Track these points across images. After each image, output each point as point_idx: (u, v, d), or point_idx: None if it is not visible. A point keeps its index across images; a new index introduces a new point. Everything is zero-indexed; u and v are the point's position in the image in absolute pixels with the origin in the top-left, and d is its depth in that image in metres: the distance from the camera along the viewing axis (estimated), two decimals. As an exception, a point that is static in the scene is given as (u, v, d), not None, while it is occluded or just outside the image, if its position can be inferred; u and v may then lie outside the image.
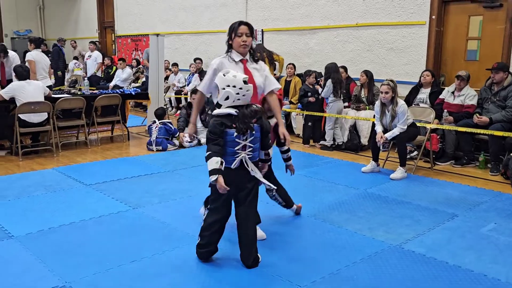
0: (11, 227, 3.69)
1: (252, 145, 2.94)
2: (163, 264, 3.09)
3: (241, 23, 3.42)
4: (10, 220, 3.85)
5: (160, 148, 6.64)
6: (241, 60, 3.44)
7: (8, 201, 4.34)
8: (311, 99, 6.91)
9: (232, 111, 2.89)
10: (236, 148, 2.90)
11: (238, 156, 2.92)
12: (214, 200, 3.04)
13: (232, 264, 3.11)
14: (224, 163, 2.88)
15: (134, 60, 11.00)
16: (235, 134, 2.88)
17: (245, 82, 2.91)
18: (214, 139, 2.89)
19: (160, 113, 7.03)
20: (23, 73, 6.10)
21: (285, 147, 3.64)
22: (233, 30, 3.40)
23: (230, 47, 3.48)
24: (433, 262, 3.18)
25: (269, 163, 3.20)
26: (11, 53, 7.20)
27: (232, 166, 2.93)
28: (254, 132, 2.92)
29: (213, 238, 3.08)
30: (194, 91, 7.21)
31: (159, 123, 6.81)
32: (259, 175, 3.01)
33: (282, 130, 3.41)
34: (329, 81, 6.59)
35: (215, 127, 2.88)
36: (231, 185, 2.90)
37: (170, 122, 6.97)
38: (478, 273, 3.02)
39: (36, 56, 7.32)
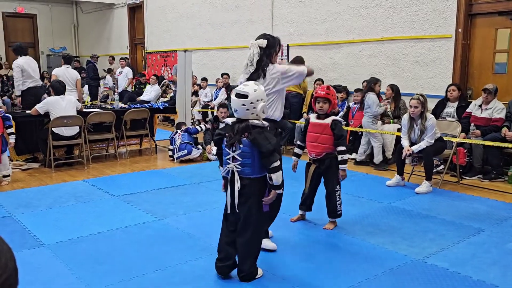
0: (43, 236, 3.85)
1: (240, 159, 2.89)
2: (186, 274, 3.17)
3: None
4: (42, 229, 4.01)
5: (185, 152, 6.80)
6: None
7: (41, 211, 4.52)
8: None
9: (230, 121, 2.99)
10: (226, 158, 2.97)
11: (227, 166, 2.97)
12: None
13: (253, 274, 3.15)
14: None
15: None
16: (225, 144, 2.97)
17: (237, 95, 2.88)
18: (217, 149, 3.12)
19: (180, 126, 7.30)
20: (60, 88, 6.38)
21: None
22: (279, 45, 3.54)
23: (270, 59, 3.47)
24: (456, 276, 3.14)
25: (278, 190, 2.96)
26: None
27: (222, 174, 3.05)
28: (241, 146, 2.88)
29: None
30: (221, 105, 7.35)
31: (180, 131, 7.09)
32: (236, 192, 2.92)
33: None
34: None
35: (213, 137, 3.06)
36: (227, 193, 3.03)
37: (189, 127, 7.30)
38: (503, 288, 2.98)
39: (59, 71, 7.75)
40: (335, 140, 3.88)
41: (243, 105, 2.85)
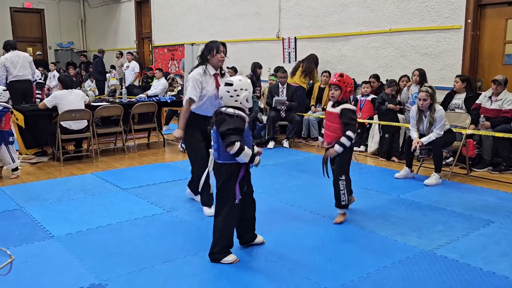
0: (52, 228, 3.88)
1: (212, 143, 3.18)
2: (195, 265, 3.18)
3: (222, 43, 4.11)
4: (51, 222, 4.04)
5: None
6: (214, 74, 4.11)
7: (50, 204, 4.55)
8: (391, 105, 6.51)
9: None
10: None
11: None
12: None
13: (260, 265, 3.15)
14: None
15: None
16: None
17: (224, 84, 3.14)
18: None
19: None
20: (69, 82, 6.41)
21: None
22: (215, 48, 4.06)
23: (206, 61, 4.09)
24: (466, 268, 3.12)
25: (252, 164, 3.15)
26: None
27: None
28: (211, 131, 3.17)
29: None
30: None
31: None
32: (206, 172, 3.29)
33: None
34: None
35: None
36: None
37: None
38: (513, 279, 2.95)
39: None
40: (343, 126, 3.83)
41: (227, 91, 3.10)
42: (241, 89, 3.09)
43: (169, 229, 3.86)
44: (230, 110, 3.06)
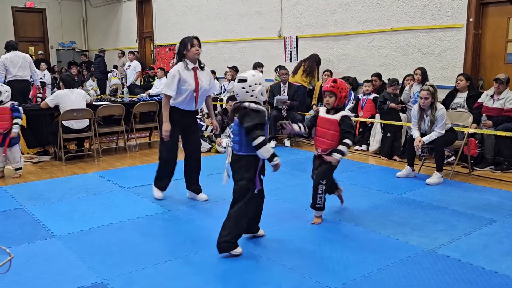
0: (54, 227, 3.88)
1: (232, 136, 3.28)
2: (197, 264, 3.18)
3: (195, 37, 4.26)
4: (53, 221, 4.05)
5: None
6: (192, 68, 4.26)
7: (52, 203, 4.56)
8: (392, 105, 6.45)
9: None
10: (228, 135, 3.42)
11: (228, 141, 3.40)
12: None
13: (261, 264, 3.15)
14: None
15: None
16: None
17: (239, 81, 3.22)
18: None
19: None
20: (71, 81, 6.42)
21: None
22: (189, 42, 4.21)
23: (183, 56, 4.23)
24: (468, 267, 3.12)
25: (272, 162, 3.22)
26: None
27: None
28: (232, 124, 3.28)
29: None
30: (231, 97, 7.33)
31: None
32: (226, 164, 3.31)
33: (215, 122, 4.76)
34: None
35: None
36: None
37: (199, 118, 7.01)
38: (516, 279, 2.95)
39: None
40: (342, 134, 3.78)
41: (243, 88, 3.18)
42: (255, 84, 3.18)
43: (171, 228, 3.87)
44: (254, 106, 3.15)
